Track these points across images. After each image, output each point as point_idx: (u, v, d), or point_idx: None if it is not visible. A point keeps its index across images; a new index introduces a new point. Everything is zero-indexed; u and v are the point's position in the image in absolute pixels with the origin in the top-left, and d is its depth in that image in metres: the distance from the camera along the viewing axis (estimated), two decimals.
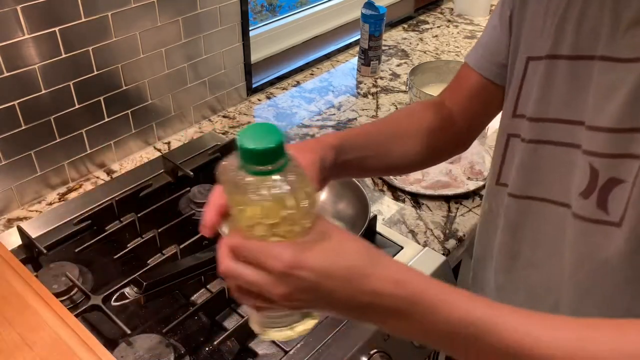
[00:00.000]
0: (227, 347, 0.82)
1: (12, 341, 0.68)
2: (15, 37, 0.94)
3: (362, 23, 1.51)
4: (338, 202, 1.01)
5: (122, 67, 1.12)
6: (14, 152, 1.01)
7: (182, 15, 1.18)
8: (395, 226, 1.04)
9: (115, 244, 0.98)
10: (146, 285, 0.74)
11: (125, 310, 0.87)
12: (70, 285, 0.88)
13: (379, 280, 0.46)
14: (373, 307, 0.47)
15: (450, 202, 1.11)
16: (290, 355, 0.80)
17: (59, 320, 0.71)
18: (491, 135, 1.33)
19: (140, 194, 1.07)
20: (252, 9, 2.18)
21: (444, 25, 1.91)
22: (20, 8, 0.93)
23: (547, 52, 0.65)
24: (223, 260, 0.48)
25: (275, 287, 0.45)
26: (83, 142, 1.12)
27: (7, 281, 0.76)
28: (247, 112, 1.40)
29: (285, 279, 0.45)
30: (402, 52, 1.72)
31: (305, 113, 1.40)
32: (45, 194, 1.10)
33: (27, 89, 0.99)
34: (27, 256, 0.96)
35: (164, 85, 1.22)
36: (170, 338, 0.82)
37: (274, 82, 1.53)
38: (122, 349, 0.79)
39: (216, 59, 1.30)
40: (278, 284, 0.45)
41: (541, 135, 0.67)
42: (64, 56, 1.01)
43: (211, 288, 0.90)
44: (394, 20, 1.88)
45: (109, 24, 1.06)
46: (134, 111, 1.18)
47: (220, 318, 0.86)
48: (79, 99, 1.07)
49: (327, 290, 0.46)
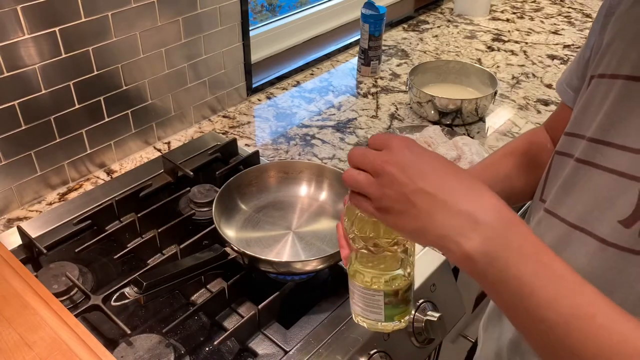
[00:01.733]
0: (227, 347, 0.82)
1: (12, 341, 0.68)
2: (15, 37, 0.94)
3: (362, 23, 1.51)
4: (338, 202, 1.01)
5: (122, 67, 1.12)
6: (14, 152, 1.01)
7: (182, 15, 1.18)
8: None
9: (115, 244, 0.98)
10: (146, 285, 0.74)
11: (125, 310, 0.87)
12: (70, 285, 0.88)
13: (477, 192, 0.49)
14: (458, 209, 0.48)
15: None
16: (290, 355, 0.80)
17: (59, 320, 0.71)
18: (491, 135, 1.33)
19: (140, 194, 1.07)
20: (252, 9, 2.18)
21: (444, 25, 1.91)
22: (20, 8, 0.93)
23: (612, 71, 0.61)
24: (347, 171, 0.54)
25: (369, 185, 0.51)
26: (83, 142, 1.12)
27: (7, 281, 0.76)
28: (247, 112, 1.40)
29: (382, 171, 0.50)
30: (402, 52, 1.72)
31: (305, 113, 1.40)
32: (45, 194, 1.10)
33: (27, 89, 0.99)
34: (27, 256, 0.95)
35: (164, 85, 1.22)
36: (170, 338, 0.82)
37: (274, 82, 1.53)
38: (122, 349, 0.79)
39: (216, 59, 1.30)
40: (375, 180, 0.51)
41: (591, 157, 0.62)
42: (64, 56, 1.01)
43: (211, 288, 0.90)
44: (394, 20, 1.88)
45: (109, 24, 1.06)
46: (134, 111, 1.18)
47: (220, 318, 0.86)
48: (79, 99, 1.07)
49: (417, 172, 0.49)
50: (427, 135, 1.24)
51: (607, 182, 0.59)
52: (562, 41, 1.81)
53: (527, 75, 1.60)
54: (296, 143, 1.28)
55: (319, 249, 0.93)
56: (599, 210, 0.61)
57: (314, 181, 1.03)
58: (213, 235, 0.93)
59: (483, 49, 1.75)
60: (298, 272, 0.87)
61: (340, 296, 0.89)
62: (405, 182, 0.49)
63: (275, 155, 1.24)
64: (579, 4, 2.11)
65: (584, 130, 0.64)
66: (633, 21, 0.61)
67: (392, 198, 0.50)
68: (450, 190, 0.49)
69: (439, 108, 1.33)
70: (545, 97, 1.49)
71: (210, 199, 1.03)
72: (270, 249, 0.93)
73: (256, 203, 1.01)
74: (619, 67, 0.60)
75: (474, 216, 0.47)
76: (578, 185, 0.64)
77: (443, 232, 0.48)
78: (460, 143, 1.21)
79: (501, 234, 0.47)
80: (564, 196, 0.66)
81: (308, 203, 1.02)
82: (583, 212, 0.63)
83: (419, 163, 0.50)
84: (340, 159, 1.23)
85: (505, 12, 2.03)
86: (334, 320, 0.85)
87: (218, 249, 0.85)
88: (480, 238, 0.47)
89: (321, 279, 0.93)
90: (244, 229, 0.96)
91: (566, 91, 0.75)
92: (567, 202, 0.65)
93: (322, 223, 0.99)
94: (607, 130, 0.60)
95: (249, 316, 0.81)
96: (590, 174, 0.62)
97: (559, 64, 1.66)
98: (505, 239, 0.47)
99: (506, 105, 1.46)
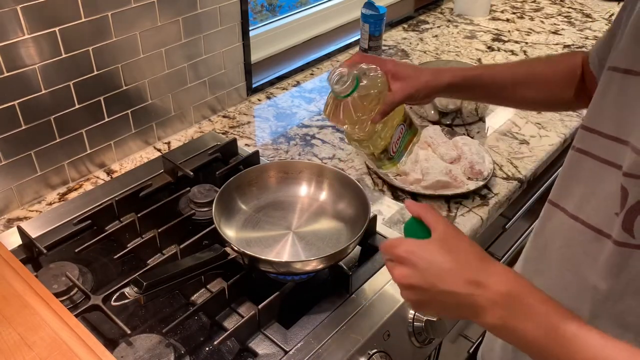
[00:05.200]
0: (227, 347, 0.82)
1: (12, 341, 0.68)
2: (15, 37, 0.94)
3: (362, 23, 1.51)
4: (338, 202, 1.01)
5: (122, 67, 1.12)
6: (14, 152, 1.01)
7: (182, 15, 1.18)
8: (395, 226, 1.04)
9: (115, 244, 0.98)
10: (146, 285, 0.74)
11: (125, 310, 0.87)
12: (70, 285, 0.88)
13: (485, 274, 0.56)
14: (474, 298, 0.55)
15: (450, 202, 1.11)
16: (290, 355, 0.80)
17: (59, 320, 0.71)
18: (491, 135, 1.33)
19: (140, 194, 1.07)
20: (252, 9, 2.18)
21: (444, 25, 1.91)
22: (20, 8, 0.93)
23: (613, 64, 0.63)
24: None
25: (395, 268, 0.60)
26: (83, 142, 1.12)
27: (7, 281, 0.76)
28: (247, 112, 1.40)
29: (403, 261, 0.59)
30: (402, 52, 1.72)
31: (305, 113, 1.40)
32: (45, 194, 1.10)
33: (27, 89, 0.99)
34: (27, 256, 0.95)
35: (164, 85, 1.22)
36: (170, 338, 0.82)
37: (274, 82, 1.53)
38: (122, 349, 0.79)
39: (216, 59, 1.30)
40: (398, 265, 0.60)
41: (587, 146, 0.66)
42: (64, 56, 1.01)
43: (211, 288, 0.90)
44: (394, 20, 1.88)
45: (109, 24, 1.06)
46: (134, 111, 1.18)
47: (220, 318, 0.85)
48: (79, 99, 1.07)
49: (436, 277, 0.57)
50: (427, 135, 1.24)
51: (601, 174, 0.64)
52: (562, 41, 1.81)
53: None
54: (296, 143, 1.28)
55: (319, 249, 0.93)
56: (594, 201, 0.65)
57: (314, 181, 1.03)
58: (213, 235, 0.93)
59: (483, 49, 1.75)
60: (298, 272, 0.87)
61: (340, 296, 0.89)
62: (426, 288, 0.58)
63: (275, 155, 1.24)
64: (579, 4, 2.11)
65: (590, 122, 0.66)
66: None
67: (420, 302, 0.60)
68: (464, 282, 0.56)
69: (439, 108, 1.33)
70: None
71: (210, 199, 1.03)
72: (270, 249, 0.93)
73: (256, 203, 1.01)
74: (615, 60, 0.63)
75: (489, 298, 0.55)
76: (575, 174, 0.68)
77: (465, 315, 0.58)
78: (460, 143, 1.21)
79: (515, 309, 0.54)
80: (562, 184, 0.71)
81: (308, 203, 1.02)
82: (578, 201, 0.67)
83: (430, 266, 0.58)
84: (341, 159, 1.23)
85: (505, 12, 2.03)
86: (334, 320, 0.85)
87: (218, 249, 0.85)
88: (496, 316, 0.55)
89: (321, 279, 0.93)
90: (244, 229, 0.96)
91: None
92: (564, 190, 0.70)
93: (322, 223, 0.99)
94: (608, 124, 0.63)
95: (249, 316, 0.81)
96: (586, 163, 0.66)
97: None
98: (519, 312, 0.54)
99: None
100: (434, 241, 0.60)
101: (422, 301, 0.60)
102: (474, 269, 0.57)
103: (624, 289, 0.61)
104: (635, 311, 0.62)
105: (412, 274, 0.59)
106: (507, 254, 1.35)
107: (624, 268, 0.60)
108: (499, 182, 1.17)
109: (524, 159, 1.25)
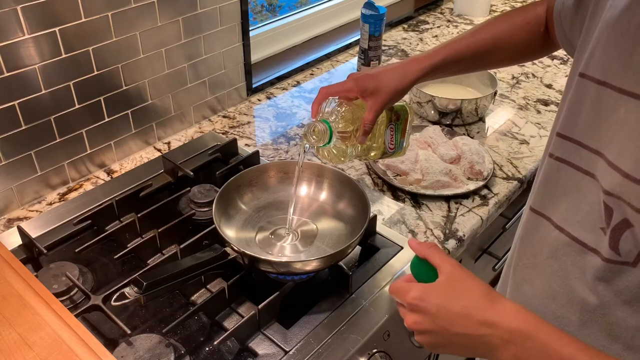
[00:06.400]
0: (227, 347, 0.82)
1: (12, 341, 0.68)
2: (15, 37, 0.94)
3: (362, 23, 1.51)
4: (338, 202, 1.01)
5: (122, 67, 1.12)
6: (14, 152, 1.01)
7: (182, 15, 1.18)
8: (395, 226, 1.04)
9: (115, 244, 0.98)
10: (146, 285, 0.74)
11: (125, 310, 0.87)
12: (70, 285, 0.88)
13: (495, 314, 0.56)
14: (488, 338, 0.56)
15: (450, 202, 1.11)
16: (290, 355, 0.80)
17: (59, 320, 0.71)
18: (491, 135, 1.33)
19: (140, 194, 1.07)
20: (252, 9, 2.18)
21: (444, 25, 1.91)
22: (20, 8, 0.93)
23: (581, 69, 0.62)
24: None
25: (406, 315, 0.62)
26: (83, 142, 1.12)
27: (7, 281, 0.76)
28: (247, 112, 1.40)
29: (413, 308, 0.60)
30: (402, 52, 1.72)
31: (305, 113, 1.40)
32: (45, 194, 1.10)
33: (27, 89, 0.99)
34: (27, 256, 0.96)
35: (164, 85, 1.22)
36: (170, 338, 0.82)
37: (274, 82, 1.53)
38: (122, 349, 0.79)
39: (216, 59, 1.30)
40: (409, 312, 0.61)
41: (565, 155, 0.65)
42: (64, 56, 1.01)
43: (211, 288, 0.90)
44: (394, 20, 1.88)
45: (109, 24, 1.06)
46: (134, 111, 1.18)
47: (220, 318, 0.86)
48: (79, 99, 1.07)
49: (447, 321, 0.58)
50: (427, 135, 1.24)
51: (581, 184, 0.64)
52: None
53: (526, 75, 1.60)
54: (296, 143, 1.28)
55: (319, 249, 0.93)
56: (576, 211, 0.65)
57: (314, 181, 1.03)
58: (213, 235, 0.93)
59: None
60: (298, 272, 0.87)
61: (340, 296, 0.89)
62: (438, 332, 0.59)
63: (275, 155, 1.24)
64: None
65: (565, 129, 0.66)
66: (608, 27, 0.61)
67: (434, 344, 0.61)
68: (476, 323, 0.57)
69: (438, 108, 1.33)
70: (545, 97, 1.49)
71: (210, 199, 1.03)
72: (270, 249, 0.93)
73: (256, 203, 1.01)
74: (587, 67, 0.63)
75: (501, 337, 0.56)
76: (556, 183, 0.68)
77: (480, 354, 0.59)
78: (460, 143, 1.21)
79: (528, 346, 0.55)
80: (544, 192, 0.70)
81: (308, 203, 1.02)
82: (561, 211, 0.67)
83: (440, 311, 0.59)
84: None
85: None
86: (334, 320, 0.85)
87: (218, 249, 0.85)
88: (510, 354, 0.56)
89: (321, 279, 0.93)
90: (244, 229, 0.96)
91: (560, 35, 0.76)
92: (546, 199, 0.70)
93: (322, 223, 0.99)
94: (583, 133, 0.63)
95: (249, 316, 0.81)
96: (566, 172, 0.66)
97: (559, 63, 1.66)
98: (532, 349, 0.55)
99: (506, 105, 1.46)
100: (442, 283, 0.61)
101: (436, 344, 0.61)
102: (484, 309, 0.57)
103: (612, 301, 0.62)
104: (624, 322, 0.62)
105: (423, 320, 0.60)
106: (507, 254, 1.35)
107: (612, 282, 0.61)
108: (499, 182, 1.17)
109: (524, 159, 1.25)
